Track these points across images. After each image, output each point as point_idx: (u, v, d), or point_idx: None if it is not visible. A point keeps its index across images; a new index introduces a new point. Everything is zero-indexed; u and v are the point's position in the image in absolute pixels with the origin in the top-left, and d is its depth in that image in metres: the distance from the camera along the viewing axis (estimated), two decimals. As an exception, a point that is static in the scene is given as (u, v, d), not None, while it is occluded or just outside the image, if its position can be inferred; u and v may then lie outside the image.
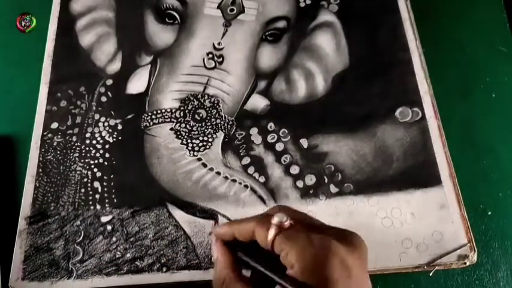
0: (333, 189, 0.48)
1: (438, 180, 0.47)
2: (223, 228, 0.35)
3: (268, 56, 0.54)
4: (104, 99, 0.52)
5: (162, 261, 0.45)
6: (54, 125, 0.51)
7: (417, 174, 0.48)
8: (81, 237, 0.46)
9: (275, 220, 0.31)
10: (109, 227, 0.47)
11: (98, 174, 0.49)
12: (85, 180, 0.49)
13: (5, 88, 0.55)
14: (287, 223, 0.31)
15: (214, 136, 0.50)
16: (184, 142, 0.50)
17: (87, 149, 0.50)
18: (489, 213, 0.48)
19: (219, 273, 0.33)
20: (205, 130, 0.50)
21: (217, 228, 0.35)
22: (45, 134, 0.51)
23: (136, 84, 0.53)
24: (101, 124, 0.51)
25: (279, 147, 0.50)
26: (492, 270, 0.46)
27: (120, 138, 0.50)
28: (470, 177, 0.49)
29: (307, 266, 0.29)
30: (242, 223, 0.33)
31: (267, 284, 0.31)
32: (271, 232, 0.31)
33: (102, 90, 0.53)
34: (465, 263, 0.44)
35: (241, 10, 0.56)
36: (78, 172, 0.49)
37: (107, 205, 0.47)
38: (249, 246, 0.33)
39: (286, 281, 0.29)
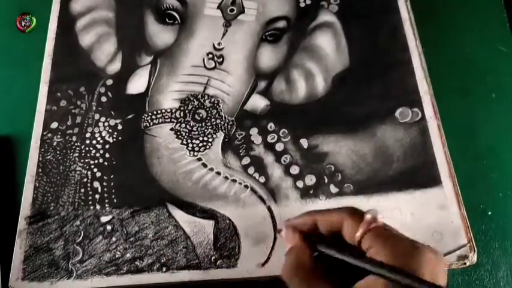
0: (333, 189, 0.48)
1: (438, 180, 0.47)
2: (302, 218, 0.34)
3: (268, 56, 0.54)
4: (104, 99, 0.52)
5: (162, 261, 0.45)
6: (54, 125, 0.51)
7: (417, 174, 0.48)
8: (81, 237, 0.46)
9: (369, 215, 0.31)
10: (109, 227, 0.47)
11: (98, 174, 0.49)
12: (85, 180, 0.49)
13: (5, 88, 0.55)
14: (381, 220, 0.31)
15: (214, 136, 0.50)
16: (185, 142, 0.50)
17: (87, 149, 0.50)
18: (489, 213, 0.48)
19: (294, 260, 0.32)
20: (205, 130, 0.50)
21: (294, 219, 0.34)
22: (45, 133, 0.51)
23: (137, 84, 0.53)
24: (101, 124, 0.51)
25: (279, 147, 0.50)
26: (492, 270, 0.46)
27: (120, 138, 0.50)
28: (470, 177, 0.49)
29: (399, 265, 0.28)
30: (328, 213, 0.33)
31: (345, 279, 0.31)
32: (364, 225, 0.30)
33: (102, 90, 0.53)
34: (465, 264, 0.44)
35: (241, 10, 0.56)
36: (78, 172, 0.49)
37: (106, 205, 0.47)
38: (328, 241, 0.32)
39: (380, 269, 0.29)
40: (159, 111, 0.51)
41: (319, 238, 0.33)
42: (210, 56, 0.53)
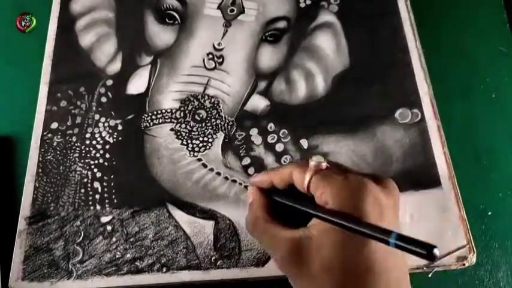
0: (333, 189, 0.48)
1: (437, 181, 0.47)
2: (260, 176, 0.37)
3: (268, 57, 0.54)
4: (104, 99, 0.52)
5: (162, 261, 0.45)
6: (54, 125, 0.51)
7: (416, 175, 0.48)
8: (81, 238, 0.46)
9: (313, 161, 0.33)
10: (109, 228, 0.47)
11: (98, 174, 0.49)
12: (85, 180, 0.48)
13: (5, 88, 0.55)
14: (324, 164, 0.33)
15: (214, 136, 0.50)
16: (185, 142, 0.50)
17: (87, 149, 0.50)
18: (489, 213, 0.48)
19: (252, 214, 0.36)
20: (206, 130, 0.50)
21: (255, 177, 0.38)
22: (45, 134, 0.51)
23: (137, 84, 0.53)
24: (101, 124, 0.51)
25: (279, 147, 0.50)
26: (492, 270, 0.46)
27: (120, 138, 0.50)
28: (470, 177, 0.49)
29: (341, 202, 0.30)
30: (279, 169, 0.36)
31: (300, 223, 0.33)
32: (309, 173, 0.33)
33: (102, 90, 0.53)
34: (464, 264, 0.44)
35: (241, 10, 0.56)
36: (78, 172, 0.49)
37: (107, 205, 0.47)
38: (282, 193, 0.36)
39: (320, 211, 0.31)
40: (159, 112, 0.51)
41: (275, 191, 0.36)
42: (210, 56, 0.53)
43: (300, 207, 0.33)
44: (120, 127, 0.51)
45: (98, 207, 0.47)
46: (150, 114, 0.51)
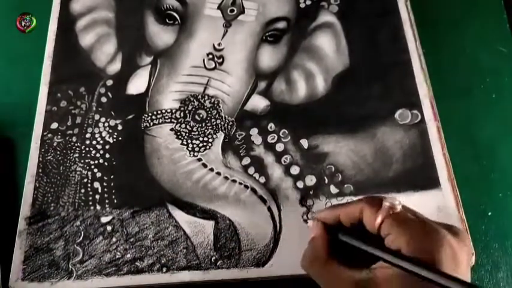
0: (333, 190, 0.48)
1: (437, 183, 0.47)
2: (327, 211, 0.35)
3: (269, 57, 0.54)
4: (104, 99, 0.52)
5: (162, 261, 0.45)
6: (54, 125, 0.51)
7: (416, 176, 0.48)
8: (81, 238, 0.46)
9: (387, 202, 0.31)
10: (109, 228, 0.47)
11: (98, 174, 0.49)
12: (85, 180, 0.48)
13: (5, 88, 0.55)
14: (399, 207, 0.31)
15: (214, 136, 0.50)
16: (185, 142, 0.50)
17: (87, 149, 0.50)
18: (489, 213, 0.48)
19: (313, 251, 0.34)
20: (206, 130, 0.50)
21: (321, 211, 0.36)
22: (45, 134, 0.51)
23: (137, 84, 0.53)
24: (101, 124, 0.51)
25: (279, 147, 0.50)
26: (492, 270, 0.46)
27: (120, 138, 0.50)
28: (470, 177, 0.49)
29: (416, 250, 0.29)
30: (349, 205, 0.34)
31: (361, 263, 0.32)
32: (382, 213, 0.31)
33: (102, 90, 0.53)
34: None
35: (242, 11, 0.56)
36: (78, 172, 0.49)
37: (107, 205, 0.47)
38: (349, 231, 0.34)
39: (394, 256, 0.29)
40: (159, 112, 0.51)
41: (341, 229, 0.34)
42: (210, 56, 0.53)
43: (371, 250, 0.32)
44: (120, 127, 0.51)
45: (98, 207, 0.47)
46: (150, 114, 0.51)
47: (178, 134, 0.50)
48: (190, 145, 0.50)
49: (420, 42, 0.54)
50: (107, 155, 0.50)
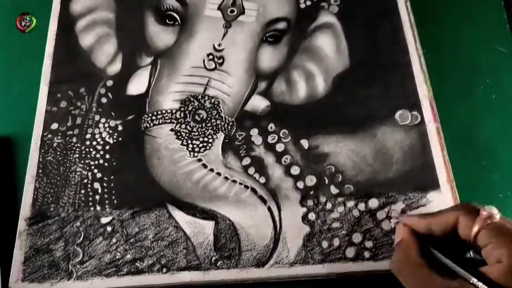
0: (334, 190, 0.48)
1: (436, 184, 0.47)
2: (417, 219, 0.34)
3: (269, 57, 0.54)
4: (104, 100, 0.52)
5: (162, 262, 0.45)
6: (54, 126, 0.51)
7: (416, 177, 0.48)
8: (81, 238, 0.46)
9: (485, 211, 0.30)
10: (109, 228, 0.46)
11: (98, 175, 0.49)
12: (85, 181, 0.48)
13: (5, 88, 0.55)
14: (498, 216, 0.30)
15: (214, 137, 0.50)
16: (185, 143, 0.50)
17: (87, 150, 0.50)
18: (489, 214, 0.48)
19: (402, 254, 0.33)
20: (206, 131, 0.50)
21: (410, 217, 0.35)
22: (45, 134, 0.50)
23: (137, 85, 0.53)
24: (101, 125, 0.51)
25: (280, 147, 0.50)
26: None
27: (120, 139, 0.50)
28: (470, 178, 0.49)
29: None
30: (442, 214, 0.33)
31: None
32: (479, 223, 0.30)
33: (103, 91, 0.53)
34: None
35: (242, 11, 0.55)
36: (78, 173, 0.49)
37: (107, 206, 0.47)
38: (441, 244, 0.33)
39: (481, 281, 0.28)
40: (159, 112, 0.51)
41: (431, 239, 0.33)
42: (210, 57, 0.53)
43: (461, 274, 0.30)
44: (120, 128, 0.51)
45: (98, 208, 0.47)
46: (150, 114, 0.51)
47: (179, 134, 0.50)
48: (190, 145, 0.50)
49: (420, 42, 0.54)
50: (107, 156, 0.50)
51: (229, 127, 0.51)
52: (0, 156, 0.51)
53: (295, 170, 0.49)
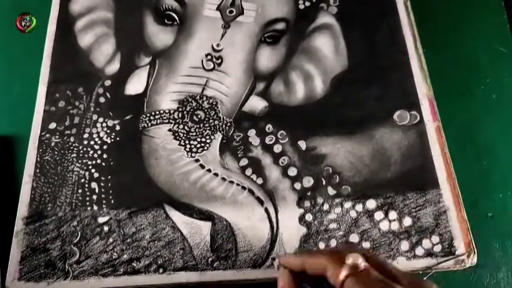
0: (331, 191, 0.47)
1: (436, 183, 0.47)
2: (293, 259, 0.35)
3: (267, 58, 0.54)
4: (102, 100, 0.52)
5: (159, 262, 0.45)
6: (52, 126, 0.51)
7: (415, 177, 0.48)
8: (78, 238, 0.46)
9: (349, 260, 0.31)
10: (106, 228, 0.46)
11: (96, 174, 0.49)
12: (82, 180, 0.49)
13: (5, 88, 0.55)
14: (362, 265, 0.31)
15: (212, 137, 0.50)
16: (182, 143, 0.50)
17: (85, 149, 0.50)
18: (489, 214, 0.48)
19: None
20: (203, 131, 0.50)
21: (286, 257, 0.36)
22: (43, 134, 0.51)
23: (135, 85, 0.53)
24: (98, 125, 0.51)
25: (277, 149, 0.50)
26: (493, 271, 0.46)
27: (118, 139, 0.50)
28: (470, 178, 0.49)
29: None
30: (314, 257, 0.33)
31: None
32: (343, 272, 0.30)
33: (101, 91, 0.53)
34: (465, 265, 0.44)
35: (240, 12, 0.55)
36: (75, 173, 0.49)
37: (104, 206, 0.47)
38: (314, 280, 0.34)
39: None
40: (157, 112, 0.51)
41: (307, 277, 0.34)
42: (209, 57, 0.53)
43: None
44: (118, 127, 0.51)
45: (95, 207, 0.47)
46: (148, 114, 0.51)
47: (176, 134, 0.50)
48: (188, 146, 0.50)
49: (420, 42, 0.54)
50: (105, 156, 0.50)
51: (227, 128, 0.51)
52: (-2, 155, 0.51)
53: (292, 171, 0.48)
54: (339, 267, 0.31)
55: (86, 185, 0.48)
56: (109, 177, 0.49)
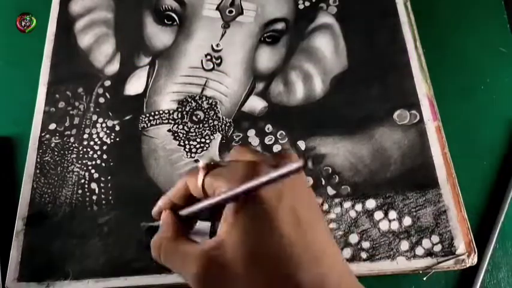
0: (330, 191, 0.47)
1: (436, 183, 0.47)
2: (160, 201, 0.34)
3: (267, 58, 0.54)
4: (101, 100, 0.52)
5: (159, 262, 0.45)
6: (52, 126, 0.51)
7: (415, 177, 0.48)
8: (78, 239, 0.46)
9: (201, 163, 0.30)
10: (106, 228, 0.46)
11: (95, 175, 0.49)
12: (82, 181, 0.49)
13: (5, 88, 0.55)
14: (211, 163, 0.30)
15: (211, 138, 0.50)
16: (182, 143, 0.50)
17: (85, 150, 0.50)
18: (489, 214, 0.48)
19: (157, 236, 0.32)
20: (203, 132, 0.50)
21: (156, 206, 0.35)
22: (43, 135, 0.51)
23: (135, 85, 0.53)
24: (98, 125, 0.51)
25: (277, 149, 0.50)
26: (493, 271, 0.46)
27: (117, 139, 0.50)
28: (470, 178, 0.49)
29: (237, 182, 0.27)
30: (175, 186, 0.33)
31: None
32: (201, 174, 0.30)
33: (100, 91, 0.53)
34: (465, 265, 0.44)
35: (240, 12, 0.55)
36: (75, 173, 0.49)
37: (104, 206, 0.47)
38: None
39: (224, 195, 0.27)
40: (156, 113, 0.51)
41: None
42: (208, 57, 0.53)
43: (203, 205, 0.30)
44: (117, 128, 0.51)
45: (95, 208, 0.47)
46: (147, 115, 0.51)
47: (176, 135, 0.50)
48: (187, 146, 0.50)
49: (420, 42, 0.54)
50: (104, 156, 0.50)
51: (226, 128, 0.51)
52: (-1, 156, 0.51)
53: (292, 171, 0.48)
54: (196, 177, 0.30)
55: (86, 186, 0.48)
56: (109, 177, 0.49)
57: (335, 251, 0.29)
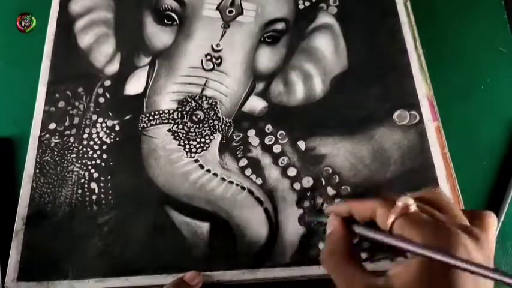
0: (330, 191, 0.47)
1: (436, 183, 0.47)
2: (341, 205, 0.35)
3: (267, 58, 0.54)
4: (101, 100, 0.52)
5: (159, 262, 0.45)
6: (52, 126, 0.51)
7: (415, 177, 0.47)
8: (78, 238, 0.46)
9: (400, 202, 0.30)
10: (106, 228, 0.46)
11: (95, 175, 0.49)
12: (82, 181, 0.49)
13: (5, 88, 0.55)
14: (413, 208, 0.30)
15: (211, 137, 0.50)
16: (182, 143, 0.50)
17: (85, 149, 0.50)
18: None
19: (329, 246, 0.33)
20: (203, 131, 0.50)
21: (333, 205, 0.36)
22: (42, 134, 0.51)
23: (135, 85, 0.53)
24: (98, 125, 0.51)
25: (277, 149, 0.49)
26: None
27: (117, 139, 0.50)
28: (470, 178, 0.49)
29: None
30: (363, 202, 0.33)
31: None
32: (394, 213, 0.30)
33: (100, 91, 0.53)
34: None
35: (240, 12, 0.55)
36: (75, 173, 0.49)
37: (103, 206, 0.47)
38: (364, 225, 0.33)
39: (414, 245, 0.28)
40: (156, 112, 0.51)
41: (355, 222, 0.34)
42: (208, 57, 0.53)
43: (388, 241, 0.30)
44: (117, 128, 0.51)
45: (95, 207, 0.47)
46: (147, 115, 0.51)
47: (176, 134, 0.50)
48: (187, 146, 0.50)
49: (420, 42, 0.54)
50: (104, 156, 0.50)
51: (226, 128, 0.51)
52: (-1, 156, 0.51)
53: (291, 172, 0.48)
54: (388, 210, 0.30)
55: (86, 185, 0.48)
56: (109, 177, 0.49)
57: None
